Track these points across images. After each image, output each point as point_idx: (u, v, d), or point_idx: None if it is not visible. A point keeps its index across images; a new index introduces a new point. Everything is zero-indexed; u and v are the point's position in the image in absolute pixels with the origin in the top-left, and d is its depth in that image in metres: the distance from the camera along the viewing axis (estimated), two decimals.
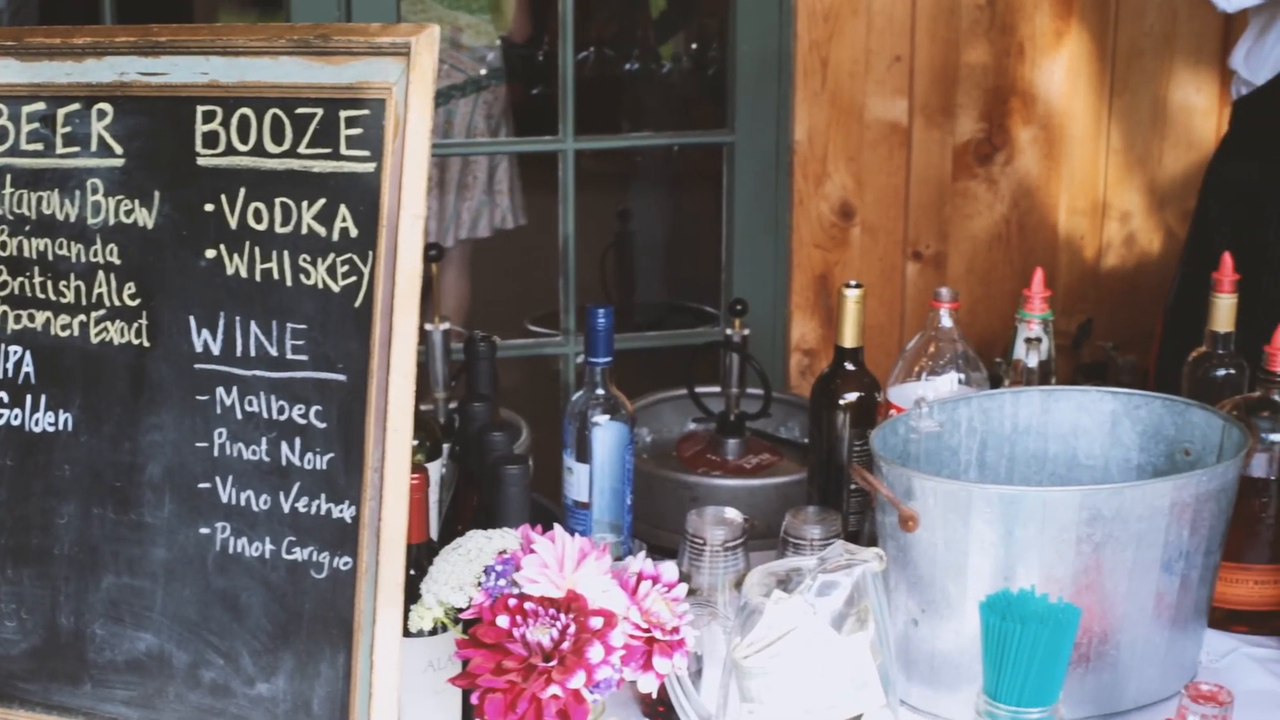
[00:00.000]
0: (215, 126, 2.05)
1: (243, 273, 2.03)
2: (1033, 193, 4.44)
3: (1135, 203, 4.54)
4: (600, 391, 2.61)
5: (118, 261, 2.10)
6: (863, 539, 2.57)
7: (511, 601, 1.82)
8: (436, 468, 2.56)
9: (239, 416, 2.04)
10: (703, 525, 2.33)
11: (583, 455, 2.62)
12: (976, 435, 2.49)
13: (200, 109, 2.06)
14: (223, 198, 2.04)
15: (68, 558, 2.12)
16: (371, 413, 1.96)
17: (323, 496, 1.99)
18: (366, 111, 1.98)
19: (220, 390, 2.05)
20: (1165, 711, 2.22)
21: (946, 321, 2.62)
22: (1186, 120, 4.53)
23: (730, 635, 2.05)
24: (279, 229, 2.02)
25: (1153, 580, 2.23)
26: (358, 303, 1.97)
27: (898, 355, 2.67)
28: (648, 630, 1.86)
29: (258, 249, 2.03)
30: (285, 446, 2.01)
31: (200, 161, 2.06)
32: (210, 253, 2.05)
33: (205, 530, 2.05)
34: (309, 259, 2.00)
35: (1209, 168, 3.69)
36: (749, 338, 3.40)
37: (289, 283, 2.01)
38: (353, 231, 1.98)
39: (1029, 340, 2.59)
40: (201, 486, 2.05)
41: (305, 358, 2.01)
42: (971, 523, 2.17)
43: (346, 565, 1.97)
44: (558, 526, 1.89)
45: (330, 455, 1.99)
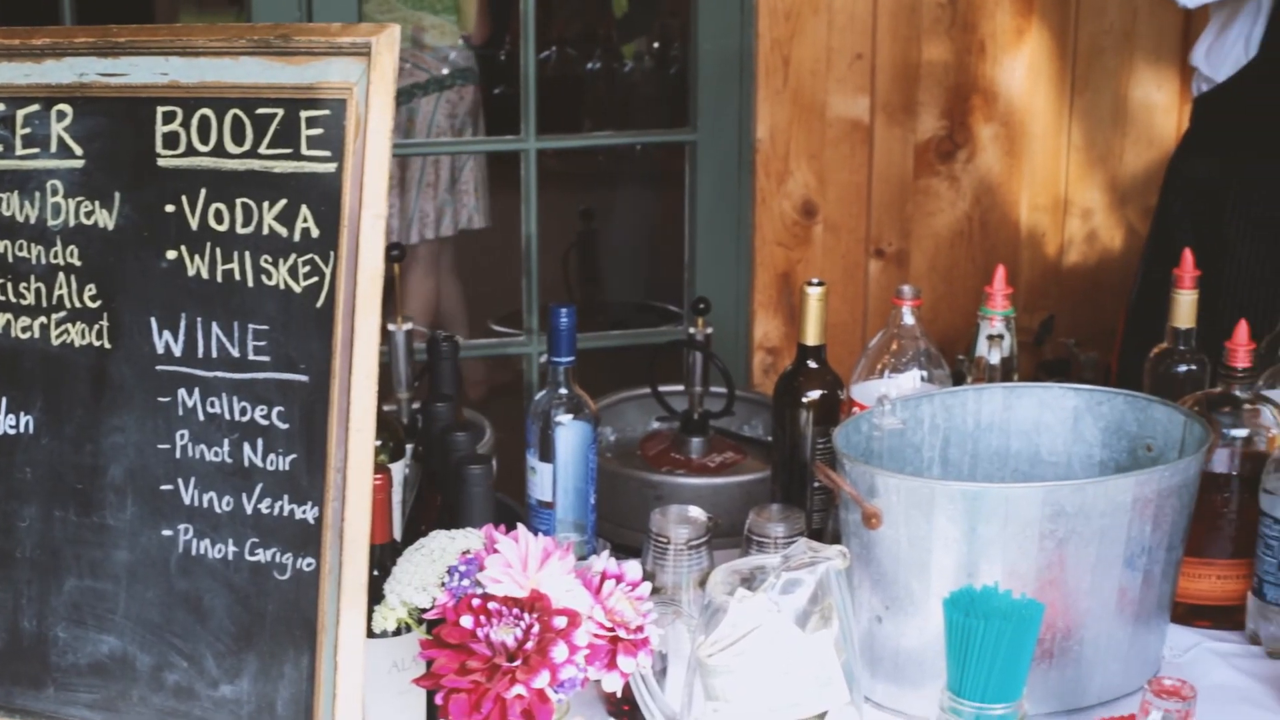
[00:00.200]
0: (175, 127, 2.04)
1: (204, 274, 2.03)
2: (994, 190, 4.45)
3: (1096, 199, 4.56)
4: (563, 391, 2.61)
5: (78, 263, 2.09)
6: (826, 536, 2.57)
7: (475, 601, 1.82)
8: (400, 468, 2.55)
9: (201, 418, 2.03)
10: (666, 524, 2.33)
11: (546, 455, 2.61)
12: (939, 432, 2.50)
13: (160, 110, 2.05)
14: (183, 198, 2.03)
15: (29, 560, 2.11)
16: (334, 413, 1.95)
17: (285, 497, 1.99)
18: (327, 111, 1.98)
19: (182, 392, 2.04)
20: (1129, 707, 2.22)
21: (909, 319, 2.62)
22: (1147, 117, 4.55)
23: (694, 634, 2.05)
24: (240, 229, 2.01)
25: (1115, 576, 2.24)
26: (319, 303, 1.97)
27: (860, 353, 2.68)
28: (612, 629, 1.86)
29: (219, 250, 2.02)
30: (248, 448, 2.01)
31: (161, 162, 2.05)
32: (171, 254, 2.04)
33: (168, 532, 2.04)
34: (270, 259, 1.99)
35: (1170, 164, 3.70)
36: (712, 336, 3.40)
37: (250, 283, 2.01)
38: (314, 232, 1.97)
39: (991, 337, 2.60)
40: (164, 488, 2.04)
41: (267, 358, 2.00)
42: (935, 519, 2.17)
43: (310, 566, 1.97)
44: (521, 526, 1.88)
45: (293, 456, 1.98)
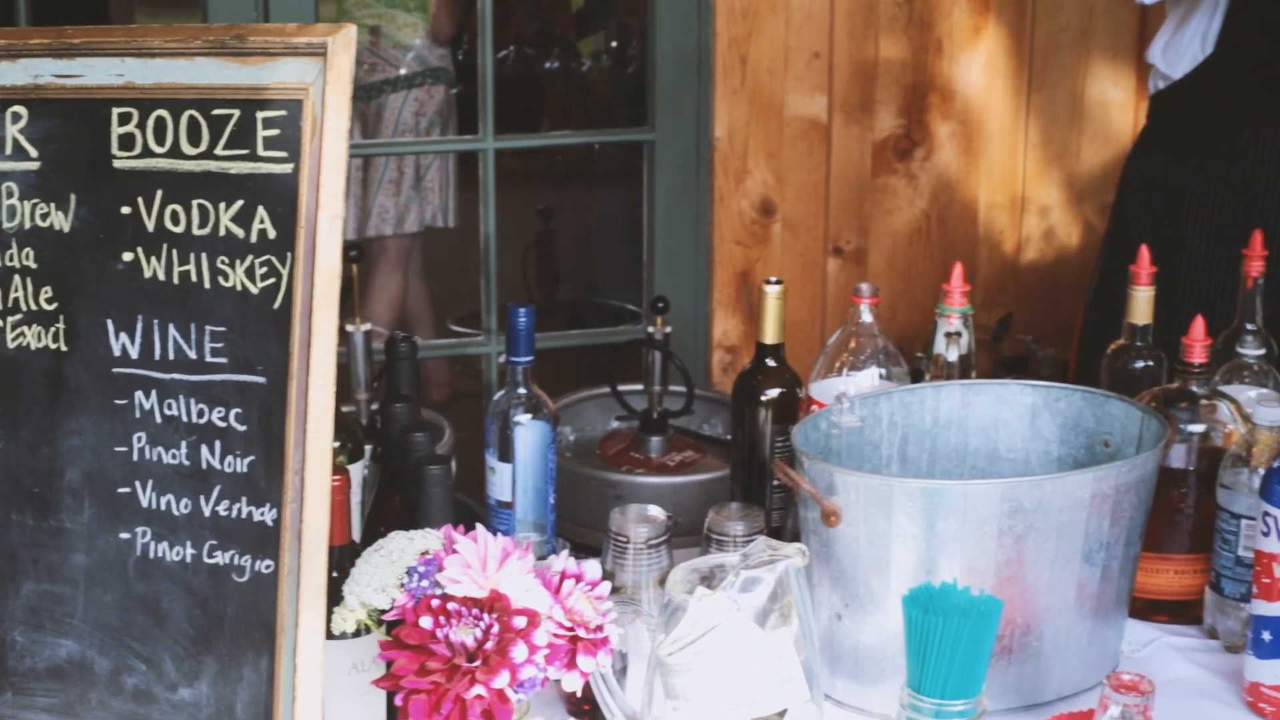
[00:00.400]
0: (131, 129, 2.04)
1: (160, 275, 2.02)
2: (952, 188, 4.46)
3: (1054, 197, 4.57)
4: (522, 391, 2.61)
5: (34, 265, 2.08)
6: (786, 534, 2.57)
7: (434, 602, 1.82)
8: (359, 469, 2.55)
9: (158, 420, 2.03)
10: (626, 523, 2.33)
11: (505, 455, 2.61)
12: (898, 430, 2.50)
13: (116, 111, 2.05)
14: (139, 200, 2.03)
15: None
16: (292, 415, 1.95)
17: (244, 499, 1.98)
18: (283, 112, 1.97)
19: (139, 394, 2.03)
20: (1088, 701, 2.23)
21: (867, 317, 2.62)
22: (1104, 114, 4.56)
23: (654, 632, 2.05)
24: (197, 231, 2.01)
25: (1074, 571, 2.24)
26: (276, 304, 1.97)
27: (819, 351, 2.68)
28: (571, 629, 1.86)
29: (175, 251, 2.01)
30: (205, 450, 2.00)
31: (116, 164, 2.04)
32: (128, 255, 2.04)
33: (125, 535, 2.04)
34: (227, 261, 1.99)
35: (1127, 161, 3.71)
36: (671, 335, 3.41)
37: (207, 285, 2.00)
38: (271, 233, 1.97)
39: (949, 334, 2.60)
40: (121, 491, 2.04)
41: (224, 360, 2.00)
42: (893, 517, 2.18)
43: (268, 568, 1.96)
44: (480, 526, 1.88)
45: (251, 458, 1.98)
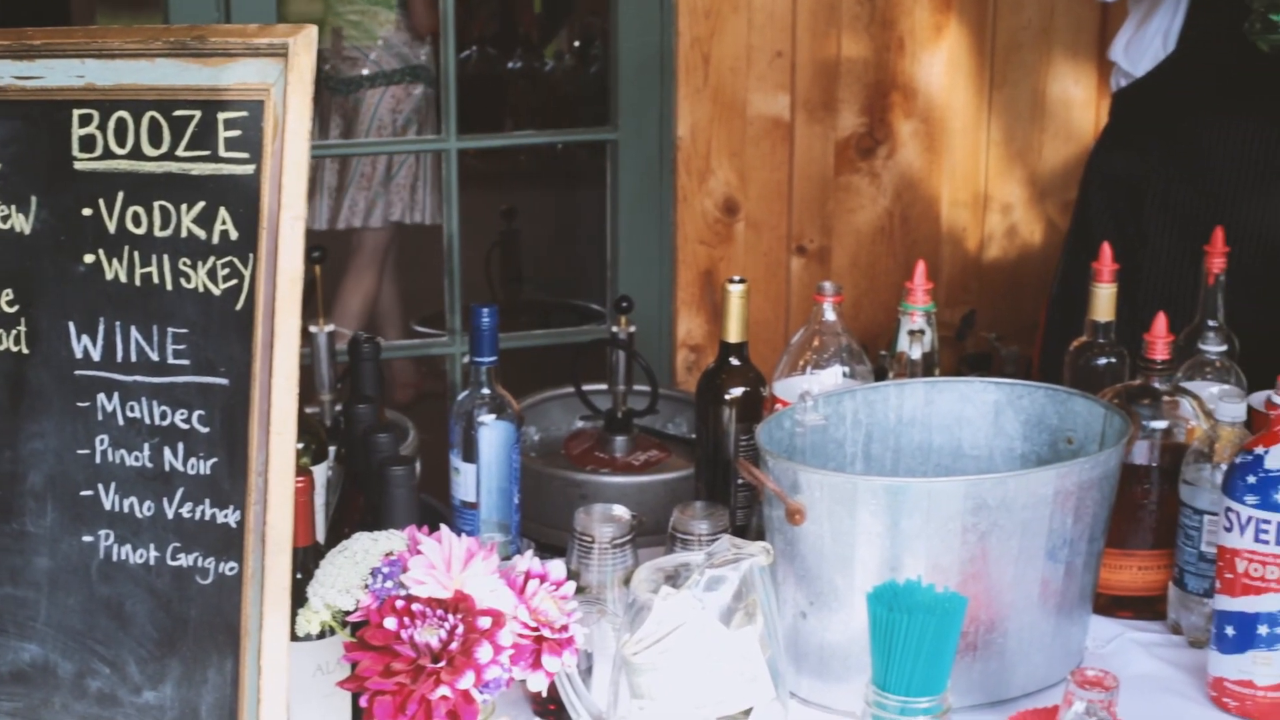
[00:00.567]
0: (92, 130, 2.03)
1: (122, 277, 2.01)
2: (915, 186, 4.47)
3: (1016, 194, 4.58)
4: (486, 391, 2.60)
5: None
6: (750, 533, 2.57)
7: (399, 603, 1.81)
8: (322, 470, 2.54)
9: (121, 423, 2.02)
10: (591, 523, 2.33)
11: (469, 455, 2.61)
12: (861, 428, 2.50)
13: (76, 113, 2.04)
14: (100, 202, 2.02)
15: None
16: (255, 416, 1.94)
17: (207, 502, 1.98)
18: (245, 113, 1.97)
19: (101, 396, 2.03)
20: (1052, 698, 2.23)
21: (830, 315, 2.62)
22: (1065, 112, 4.58)
23: (619, 632, 2.05)
24: (158, 232, 2.00)
25: (1038, 568, 2.25)
26: (239, 305, 1.96)
27: (783, 349, 2.68)
28: (536, 629, 1.86)
29: (137, 253, 2.01)
30: (168, 452, 2.00)
31: (77, 165, 2.03)
32: (89, 258, 2.03)
33: (88, 538, 2.03)
34: (189, 262, 1.98)
35: (1090, 159, 3.72)
36: (635, 335, 3.41)
37: (169, 287, 1.99)
38: (233, 234, 1.97)
39: (912, 332, 2.61)
40: (84, 494, 2.03)
41: (187, 362, 1.99)
42: (858, 515, 2.18)
43: (232, 570, 1.96)
44: (444, 527, 1.88)
45: (214, 460, 1.97)
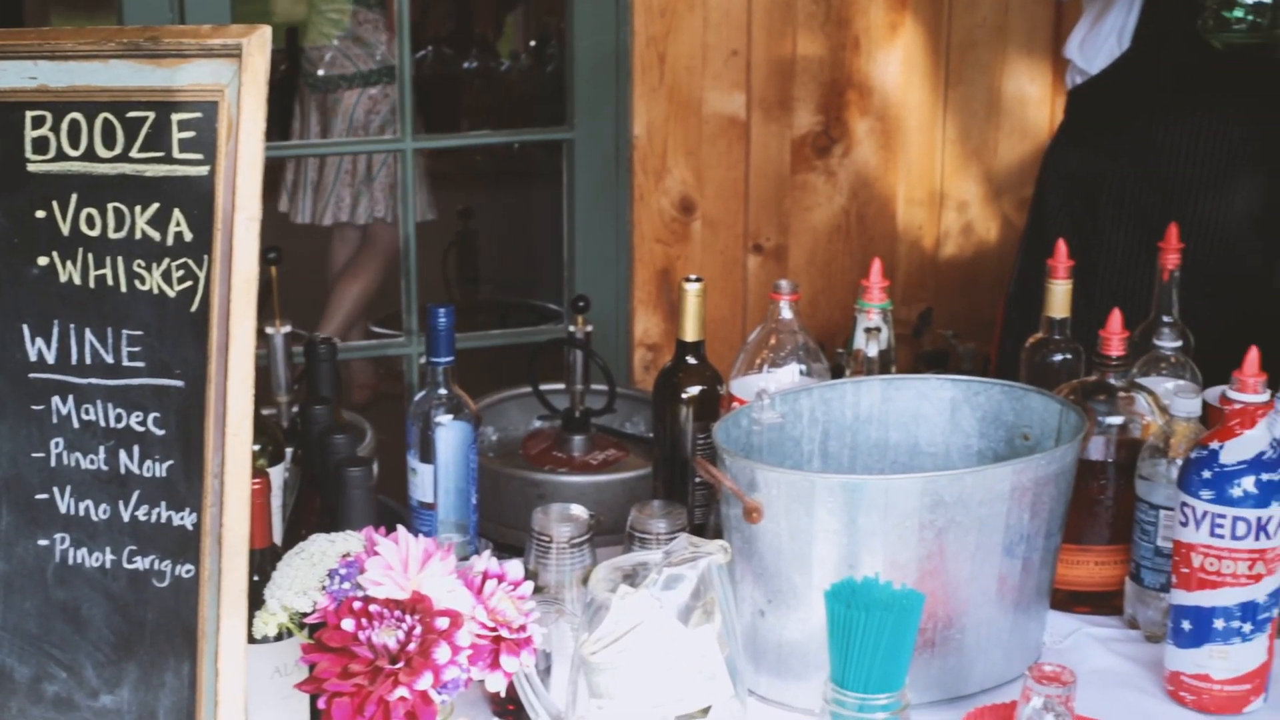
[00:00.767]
0: (45, 132, 2.02)
1: (76, 280, 2.01)
2: (871, 184, 4.48)
3: (972, 192, 4.60)
4: (443, 391, 2.60)
5: None
6: (708, 531, 2.58)
7: (356, 604, 1.81)
8: (279, 472, 2.54)
9: (76, 425, 2.01)
10: (548, 522, 2.32)
11: (426, 456, 2.61)
12: (818, 425, 2.51)
13: (29, 114, 2.03)
14: (54, 204, 2.01)
15: None
16: (210, 418, 1.94)
17: (163, 504, 1.97)
18: (199, 114, 1.96)
19: (56, 399, 2.02)
20: (1010, 693, 2.24)
21: (787, 313, 2.63)
22: (1020, 110, 4.59)
23: (578, 631, 2.05)
24: (112, 234, 1.99)
25: (995, 564, 2.25)
26: (194, 307, 1.95)
27: (740, 348, 2.68)
28: (494, 629, 1.86)
29: (91, 255, 2.00)
30: (124, 455, 1.99)
31: (30, 168, 2.03)
32: (43, 260, 2.02)
33: (44, 542, 2.02)
34: (144, 264, 1.98)
35: (1045, 156, 3.73)
36: (592, 334, 3.40)
37: (124, 289, 1.99)
38: (187, 235, 1.96)
39: (868, 330, 2.61)
40: (39, 497, 2.02)
41: (142, 364, 1.98)
42: (815, 512, 2.18)
43: (189, 573, 1.95)
44: (401, 528, 1.88)
45: (169, 462, 1.97)
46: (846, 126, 4.42)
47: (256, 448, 2.39)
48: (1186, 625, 2.26)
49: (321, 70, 6.27)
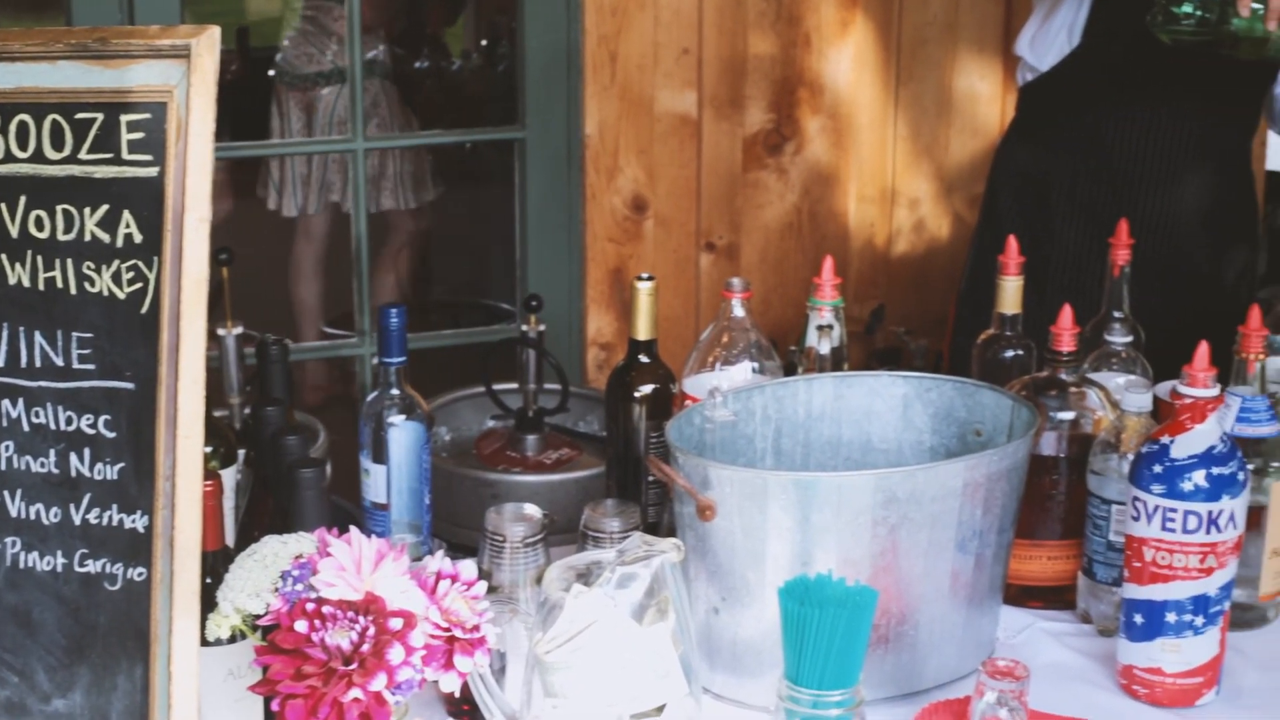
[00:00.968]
0: None
1: (25, 282, 2.00)
2: (823, 181, 4.48)
3: (924, 189, 4.60)
4: (395, 392, 2.60)
5: None
6: (662, 530, 2.58)
7: (309, 606, 1.81)
8: (231, 474, 2.53)
9: (26, 429, 2.00)
10: (502, 522, 2.32)
11: (379, 456, 2.60)
12: (771, 423, 2.51)
13: None
14: (2, 206, 2.00)
15: None
16: (161, 420, 1.93)
17: (114, 507, 1.96)
18: (148, 115, 1.95)
19: (5, 402, 2.01)
20: (964, 688, 2.25)
21: (739, 311, 2.63)
22: (971, 107, 4.60)
23: (532, 631, 2.05)
24: (61, 236, 1.98)
25: (948, 560, 2.26)
26: (144, 309, 1.95)
27: (692, 346, 2.68)
28: (448, 629, 1.86)
29: (40, 258, 1.99)
30: (74, 457, 1.98)
31: None
32: None
33: None
34: (93, 266, 1.97)
35: (997, 153, 3.74)
36: (545, 333, 3.40)
37: (73, 291, 1.98)
38: (137, 237, 1.95)
39: (821, 327, 2.62)
40: None
41: (92, 367, 1.98)
42: (768, 510, 2.18)
43: (141, 576, 1.95)
44: (354, 528, 1.87)
45: (121, 465, 1.96)
46: (798, 124, 4.43)
47: (208, 449, 2.39)
48: (1139, 619, 2.27)
49: (303, 68, 6.33)
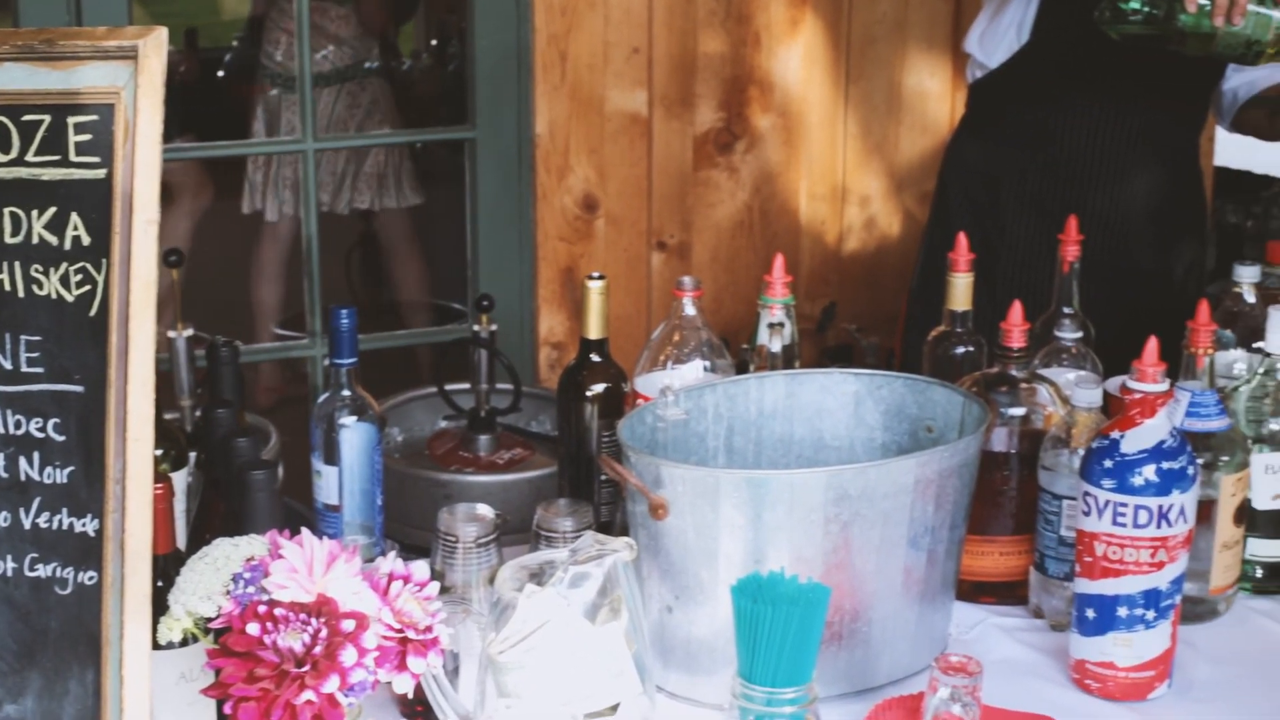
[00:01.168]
0: None
1: None
2: (773, 180, 4.49)
3: (874, 187, 4.61)
4: (346, 393, 2.59)
5: None
6: (614, 529, 2.57)
7: (261, 608, 1.80)
8: (182, 476, 2.52)
9: None
10: (454, 522, 2.32)
11: (331, 458, 2.60)
12: (723, 421, 2.51)
13: None
14: None
15: None
16: (111, 423, 1.92)
17: (64, 511, 1.95)
18: (95, 117, 1.94)
19: None
20: (918, 685, 2.25)
21: (690, 310, 2.63)
22: (921, 105, 4.61)
23: (485, 631, 2.05)
24: (9, 239, 1.97)
25: (900, 556, 2.26)
26: (93, 312, 1.94)
27: (644, 345, 2.68)
28: (401, 630, 1.85)
29: None
30: (23, 461, 1.97)
31: None
32: None
33: None
34: (41, 269, 1.96)
35: (947, 150, 3.76)
36: (497, 333, 3.40)
37: (21, 294, 1.97)
38: (85, 239, 1.94)
39: (772, 325, 2.62)
40: None
41: (41, 370, 1.96)
42: (720, 508, 2.18)
43: (91, 580, 1.94)
44: (305, 530, 1.87)
45: (70, 468, 1.95)
46: (748, 123, 4.43)
47: (159, 452, 2.38)
48: (1091, 613, 2.27)
49: (292, 71, 6.29)
